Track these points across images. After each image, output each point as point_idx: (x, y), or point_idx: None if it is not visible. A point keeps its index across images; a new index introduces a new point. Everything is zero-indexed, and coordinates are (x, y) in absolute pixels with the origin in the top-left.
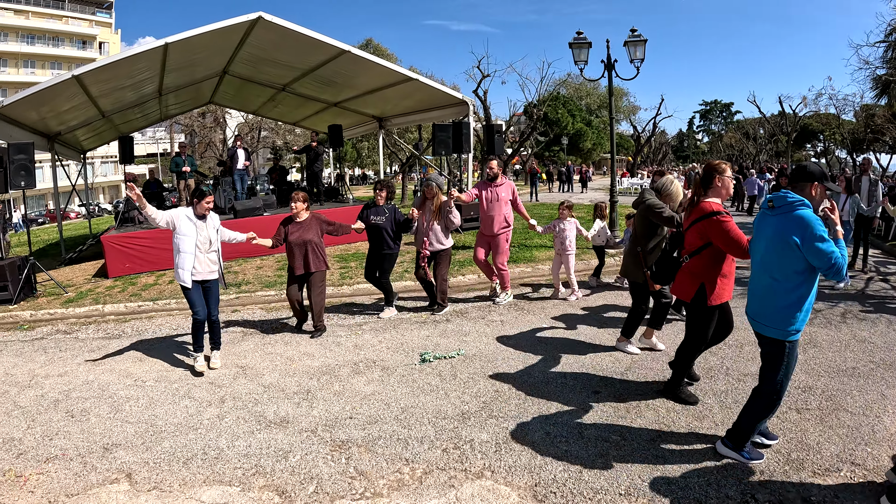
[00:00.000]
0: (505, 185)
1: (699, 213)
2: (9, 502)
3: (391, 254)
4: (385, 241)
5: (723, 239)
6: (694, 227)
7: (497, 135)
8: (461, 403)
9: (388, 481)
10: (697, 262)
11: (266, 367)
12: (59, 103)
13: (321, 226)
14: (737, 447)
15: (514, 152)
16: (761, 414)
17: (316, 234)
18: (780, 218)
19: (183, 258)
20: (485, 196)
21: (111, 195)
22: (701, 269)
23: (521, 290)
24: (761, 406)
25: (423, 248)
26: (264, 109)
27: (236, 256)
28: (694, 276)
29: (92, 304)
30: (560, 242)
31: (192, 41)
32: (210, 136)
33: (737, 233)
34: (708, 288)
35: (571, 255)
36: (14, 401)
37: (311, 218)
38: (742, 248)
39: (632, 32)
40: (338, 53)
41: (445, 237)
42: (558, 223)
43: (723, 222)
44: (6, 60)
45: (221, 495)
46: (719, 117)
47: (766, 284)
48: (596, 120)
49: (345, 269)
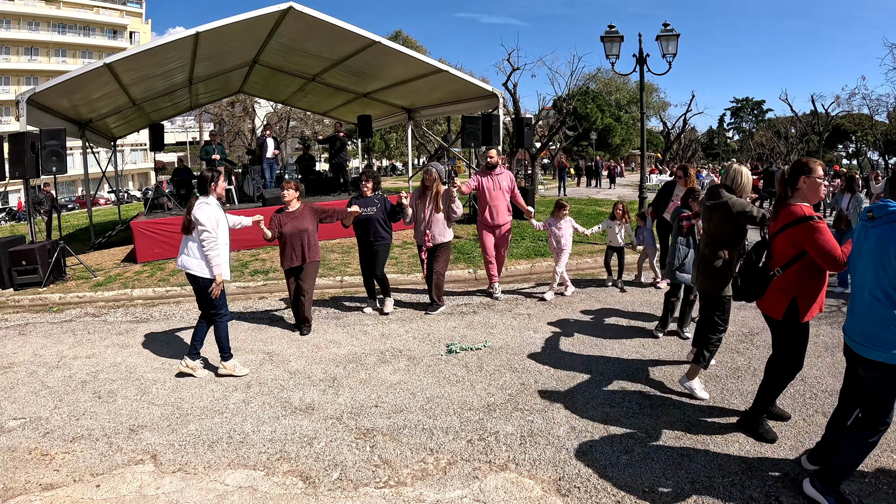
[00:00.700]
0: (504, 174)
1: (788, 217)
2: (34, 480)
3: (386, 243)
4: (378, 231)
5: (816, 248)
6: (783, 235)
7: (526, 128)
8: (487, 395)
9: (412, 470)
10: (789, 273)
11: (292, 354)
12: (91, 91)
13: (315, 215)
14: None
15: (543, 146)
16: (868, 449)
17: (311, 224)
18: (882, 229)
19: (223, 251)
20: (486, 185)
21: (140, 182)
22: (793, 281)
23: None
24: (864, 439)
25: (424, 241)
26: (293, 99)
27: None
28: (784, 291)
29: (120, 288)
30: (555, 241)
31: (223, 31)
32: (239, 125)
33: (832, 242)
34: (800, 303)
35: (565, 252)
36: (42, 381)
37: (303, 207)
38: (837, 260)
39: (664, 27)
40: (368, 44)
41: (447, 229)
42: (554, 222)
43: (817, 229)
44: (38, 49)
45: (246, 479)
46: (750, 115)
47: (867, 302)
48: (625, 115)
49: None
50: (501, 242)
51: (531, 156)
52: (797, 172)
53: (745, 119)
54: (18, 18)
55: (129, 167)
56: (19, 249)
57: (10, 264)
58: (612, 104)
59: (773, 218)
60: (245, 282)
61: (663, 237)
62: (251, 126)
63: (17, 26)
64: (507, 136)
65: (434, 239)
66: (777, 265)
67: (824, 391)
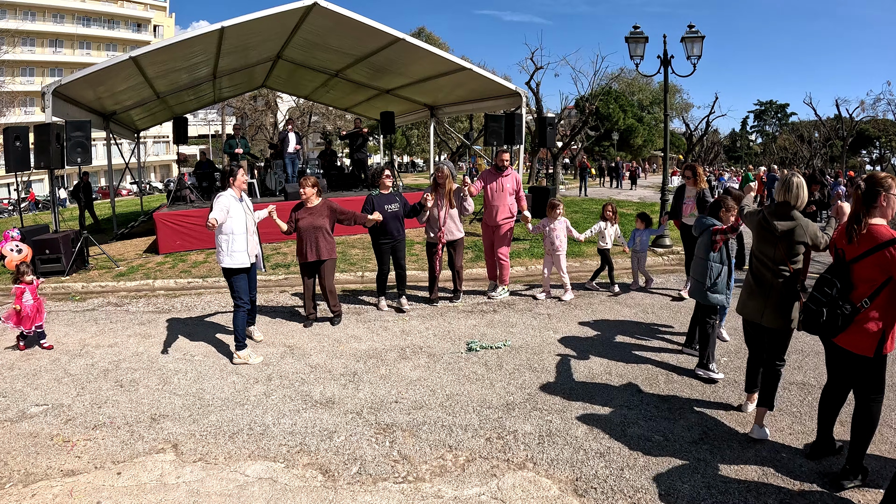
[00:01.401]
0: (510, 175)
1: (872, 240)
2: (56, 466)
3: (403, 239)
4: (399, 227)
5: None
6: (869, 260)
7: (549, 127)
8: (506, 394)
9: (431, 466)
10: (878, 303)
11: (313, 348)
12: (116, 83)
13: (332, 213)
14: None
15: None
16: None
17: (327, 221)
18: None
19: (238, 240)
20: (490, 186)
21: (162, 174)
22: (882, 312)
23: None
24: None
25: (439, 238)
26: (316, 95)
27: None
28: (874, 323)
29: (143, 278)
30: (550, 242)
31: (247, 26)
32: (261, 119)
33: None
34: (888, 334)
35: (562, 255)
36: (64, 368)
37: (322, 204)
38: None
39: (689, 28)
40: (392, 41)
41: (460, 225)
42: (547, 223)
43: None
44: (63, 41)
45: (266, 470)
46: (774, 118)
47: None
48: (647, 116)
49: None
50: (501, 241)
51: (553, 155)
52: (875, 189)
53: (768, 122)
54: (44, 11)
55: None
56: (43, 238)
57: (34, 252)
58: (634, 104)
59: (849, 240)
60: (266, 275)
61: (688, 244)
62: (273, 120)
63: (43, 18)
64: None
65: (452, 234)
66: (863, 295)
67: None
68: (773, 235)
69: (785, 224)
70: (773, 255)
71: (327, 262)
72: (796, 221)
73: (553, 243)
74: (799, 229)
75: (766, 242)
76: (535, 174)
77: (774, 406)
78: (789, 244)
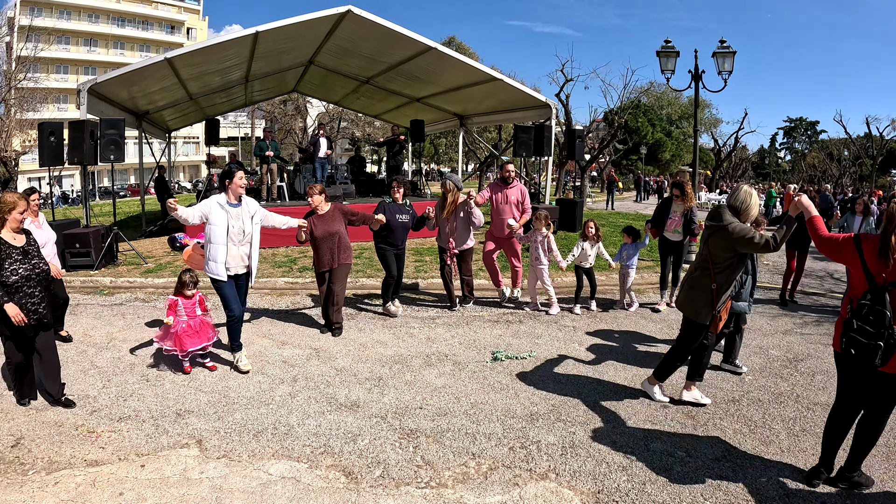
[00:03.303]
0: (516, 188)
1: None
2: (80, 455)
3: (405, 249)
4: (405, 239)
5: None
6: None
7: (578, 140)
8: (530, 404)
9: (454, 473)
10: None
11: (339, 352)
12: (149, 84)
13: (344, 217)
14: None
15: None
16: None
17: (342, 226)
18: None
19: (215, 250)
20: (495, 198)
21: (191, 174)
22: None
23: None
24: None
25: (450, 247)
26: (347, 101)
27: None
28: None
29: (170, 276)
30: (535, 256)
31: (281, 31)
32: (291, 123)
33: None
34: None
35: (544, 269)
36: (91, 360)
37: (333, 209)
38: None
39: (721, 44)
40: (424, 50)
41: (469, 236)
42: (532, 235)
43: None
44: (97, 41)
45: (289, 470)
46: (804, 136)
47: None
48: (676, 131)
49: (419, 262)
50: (512, 251)
51: (581, 168)
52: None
53: (798, 139)
54: (79, 10)
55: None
56: (74, 232)
57: (64, 246)
58: (663, 118)
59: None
60: (293, 278)
61: (663, 255)
62: (302, 125)
63: (78, 18)
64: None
65: (458, 245)
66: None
67: None
68: (705, 233)
69: (712, 223)
70: (702, 250)
71: (342, 267)
72: (724, 222)
73: (538, 258)
74: (725, 231)
75: (702, 240)
76: (562, 186)
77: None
78: (716, 243)
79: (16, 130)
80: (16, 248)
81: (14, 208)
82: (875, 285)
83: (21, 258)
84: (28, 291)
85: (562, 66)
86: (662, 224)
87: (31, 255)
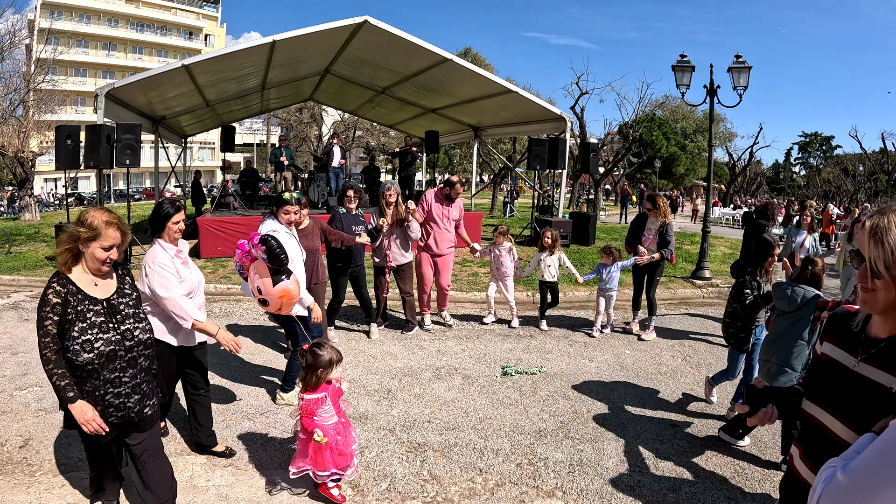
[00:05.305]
0: (457, 204)
1: None
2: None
3: (363, 266)
4: (363, 254)
5: None
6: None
7: (592, 153)
8: (539, 420)
9: (460, 488)
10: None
11: (349, 363)
12: (167, 90)
13: (322, 234)
14: None
15: (607, 172)
16: None
17: (320, 243)
18: None
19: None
20: (436, 212)
21: (206, 179)
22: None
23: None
24: None
25: (387, 262)
26: (362, 110)
27: None
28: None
29: None
30: (496, 268)
31: (298, 40)
32: (306, 131)
33: None
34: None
35: (509, 280)
36: None
37: (313, 225)
38: None
39: (736, 58)
40: (440, 61)
41: (406, 250)
42: (493, 248)
43: None
44: (115, 45)
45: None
46: (819, 151)
47: None
48: (690, 144)
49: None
50: (445, 270)
51: (595, 181)
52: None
53: (812, 154)
54: (99, 15)
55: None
56: None
57: None
58: (677, 132)
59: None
60: None
61: (638, 276)
62: (318, 133)
63: (97, 22)
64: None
65: (396, 259)
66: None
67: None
68: None
69: None
70: None
71: (319, 286)
72: None
73: (499, 269)
74: None
75: None
76: (575, 199)
77: None
78: None
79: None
80: (95, 302)
81: (95, 237)
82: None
83: (104, 320)
84: (110, 377)
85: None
86: (638, 241)
87: (121, 313)
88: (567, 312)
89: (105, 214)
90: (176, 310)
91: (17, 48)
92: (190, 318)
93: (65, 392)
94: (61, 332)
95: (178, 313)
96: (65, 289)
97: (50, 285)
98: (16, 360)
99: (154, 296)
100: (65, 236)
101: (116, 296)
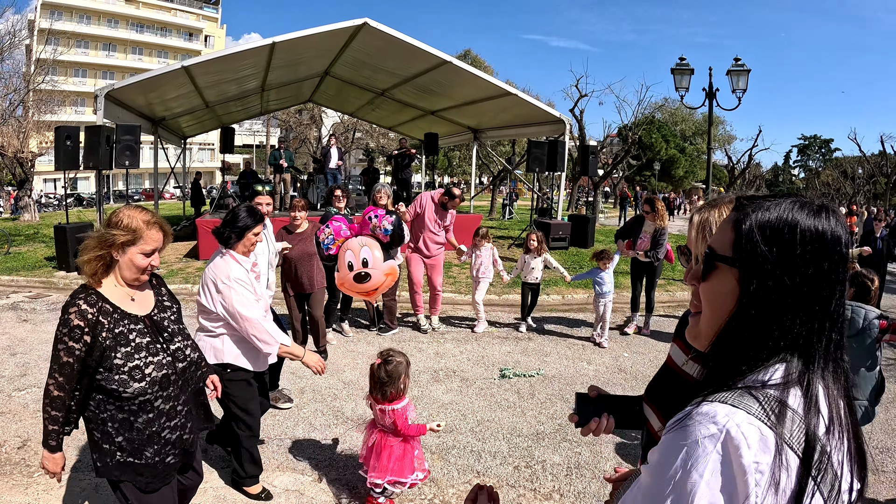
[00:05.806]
0: (453, 213)
1: None
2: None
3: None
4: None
5: None
6: None
7: (592, 155)
8: (537, 423)
9: (458, 491)
10: None
11: (347, 365)
12: (166, 91)
13: None
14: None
15: (606, 174)
16: None
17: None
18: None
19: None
20: (428, 217)
21: (205, 180)
22: None
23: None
24: None
25: None
26: (362, 112)
27: None
28: None
29: (182, 282)
30: (476, 270)
31: (298, 42)
32: (305, 132)
33: None
34: None
35: (483, 281)
36: None
37: (311, 229)
38: None
39: (735, 62)
40: (439, 63)
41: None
42: (474, 250)
43: None
44: (115, 46)
45: (293, 483)
46: (818, 153)
47: None
48: (690, 147)
49: None
50: (437, 272)
51: (594, 184)
52: None
53: (812, 157)
54: (99, 15)
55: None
56: (86, 236)
57: (76, 249)
58: (676, 135)
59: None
60: None
61: (634, 277)
62: (317, 134)
63: (98, 22)
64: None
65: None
66: None
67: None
68: None
69: None
70: None
71: (318, 292)
72: None
73: (478, 270)
74: None
75: None
76: (574, 202)
77: None
78: None
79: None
80: (135, 320)
81: (135, 240)
82: None
83: (151, 340)
84: (165, 408)
85: (576, 82)
86: (629, 238)
87: (167, 331)
88: (566, 315)
89: (144, 213)
90: (258, 333)
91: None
92: (275, 342)
93: (49, 438)
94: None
95: (260, 337)
96: (94, 308)
97: (74, 302)
98: (14, 360)
99: (233, 316)
100: (93, 241)
101: (157, 310)
